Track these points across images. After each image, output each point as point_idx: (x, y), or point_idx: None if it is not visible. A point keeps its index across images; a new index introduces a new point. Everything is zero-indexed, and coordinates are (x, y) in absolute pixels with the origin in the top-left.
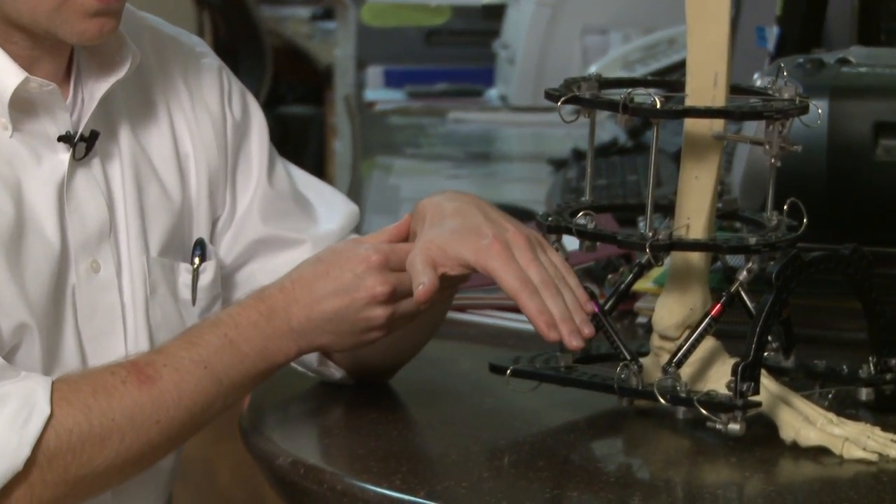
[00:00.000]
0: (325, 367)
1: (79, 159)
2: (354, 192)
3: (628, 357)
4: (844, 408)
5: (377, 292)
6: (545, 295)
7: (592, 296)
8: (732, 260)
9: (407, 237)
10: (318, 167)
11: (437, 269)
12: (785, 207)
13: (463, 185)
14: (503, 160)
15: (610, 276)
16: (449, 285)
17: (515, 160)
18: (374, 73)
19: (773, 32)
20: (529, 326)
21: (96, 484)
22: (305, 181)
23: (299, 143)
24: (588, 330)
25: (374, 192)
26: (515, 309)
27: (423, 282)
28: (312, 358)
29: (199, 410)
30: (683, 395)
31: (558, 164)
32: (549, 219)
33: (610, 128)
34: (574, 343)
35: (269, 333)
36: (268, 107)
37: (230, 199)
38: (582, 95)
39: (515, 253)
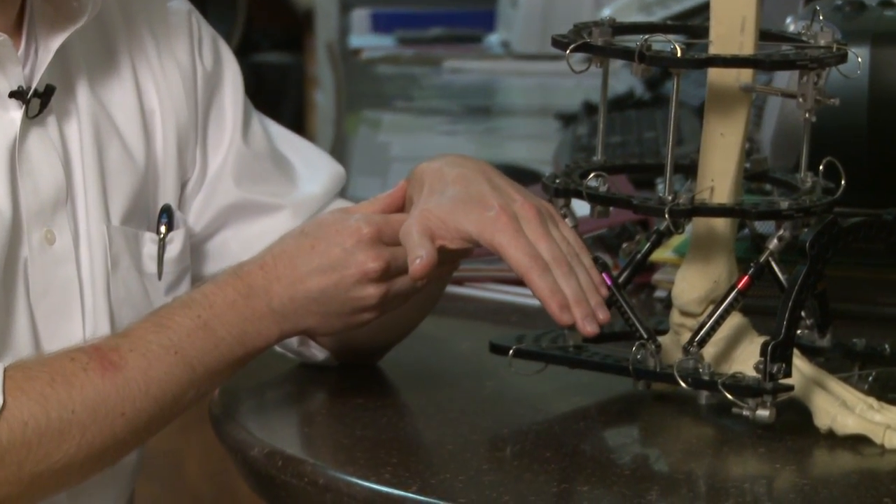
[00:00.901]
0: (306, 348)
1: (32, 117)
2: (338, 151)
3: (645, 335)
4: (886, 392)
5: (368, 269)
6: (557, 273)
7: (605, 267)
8: (761, 227)
9: (403, 206)
10: (297, 123)
11: (435, 241)
12: (821, 168)
13: (460, 143)
14: (505, 115)
15: (625, 245)
16: (448, 260)
17: (519, 115)
18: (360, 16)
19: None
20: (534, 301)
21: (54, 482)
22: (285, 139)
23: (275, 95)
24: (603, 315)
25: (360, 151)
26: (519, 282)
27: (420, 255)
28: (293, 338)
29: (169, 401)
30: (706, 377)
31: (567, 120)
32: (557, 181)
33: (625, 78)
34: (588, 329)
35: (248, 315)
36: (240, 54)
37: (200, 160)
38: (593, 42)
39: (524, 226)
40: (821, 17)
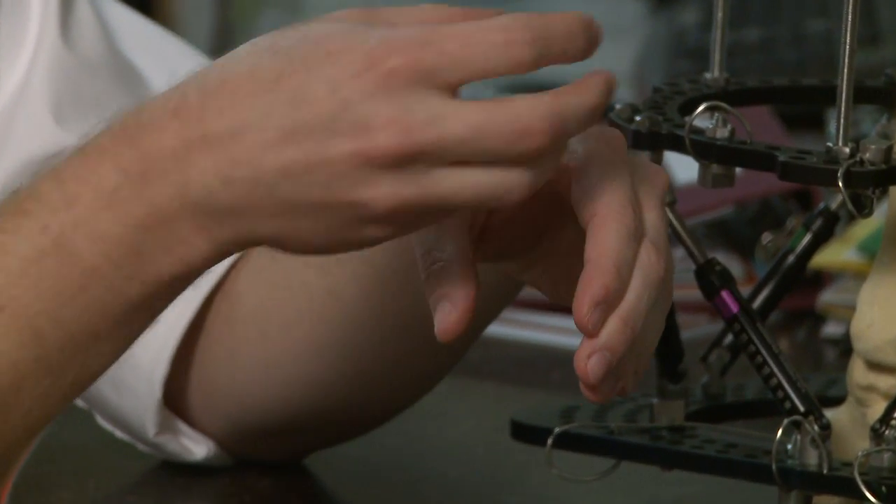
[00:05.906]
0: (171, 435)
1: None
2: (221, 54)
3: (801, 407)
4: None
5: (380, 144)
6: (643, 265)
7: (725, 278)
8: None
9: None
10: (145, 3)
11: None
12: None
13: None
14: None
15: (766, 239)
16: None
17: None
18: None
19: None
20: None
21: None
22: (135, 34)
23: None
24: (627, 385)
25: None
26: (566, 310)
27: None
28: (147, 421)
29: None
30: None
31: None
32: (639, 117)
33: None
34: (591, 374)
35: (143, 216)
36: None
37: None
38: None
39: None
40: None
